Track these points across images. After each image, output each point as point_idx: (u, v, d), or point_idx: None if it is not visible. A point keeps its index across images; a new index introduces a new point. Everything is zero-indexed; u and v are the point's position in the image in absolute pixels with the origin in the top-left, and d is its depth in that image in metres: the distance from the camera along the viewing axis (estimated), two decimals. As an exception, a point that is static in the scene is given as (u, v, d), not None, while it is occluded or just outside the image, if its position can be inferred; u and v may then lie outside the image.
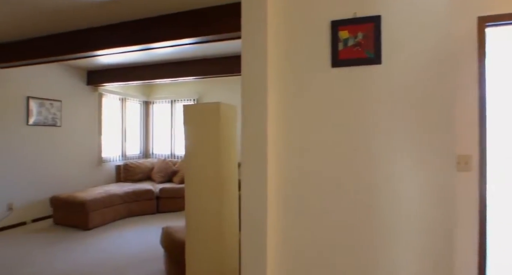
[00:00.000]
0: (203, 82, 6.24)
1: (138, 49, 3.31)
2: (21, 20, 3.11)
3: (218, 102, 2.00)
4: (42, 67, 4.50)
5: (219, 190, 1.99)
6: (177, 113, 6.47)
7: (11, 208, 4.11)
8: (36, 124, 4.46)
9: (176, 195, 5.09)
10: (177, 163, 5.80)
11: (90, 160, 5.35)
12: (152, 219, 4.65)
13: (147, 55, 4.42)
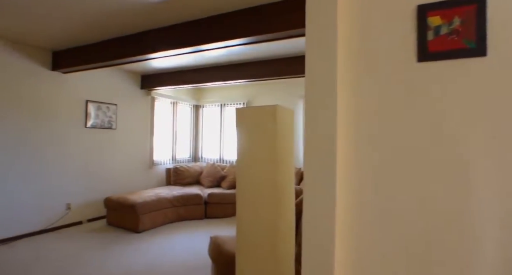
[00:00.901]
0: (252, 86, 6.08)
1: (190, 51, 3.21)
2: (79, 27, 3.20)
3: (275, 105, 1.73)
4: (100, 72, 4.67)
5: (275, 201, 1.71)
6: (226, 117, 6.38)
7: (69, 207, 4.27)
8: (93, 126, 4.62)
9: (224, 200, 4.93)
10: (226, 168, 5.67)
11: (142, 163, 5.44)
12: (200, 225, 4.52)
13: (198, 58, 4.37)
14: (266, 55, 4.18)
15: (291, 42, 3.59)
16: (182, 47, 3.10)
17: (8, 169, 3.63)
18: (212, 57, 4.33)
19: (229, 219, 4.86)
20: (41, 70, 3.95)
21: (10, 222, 3.65)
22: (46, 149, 4.01)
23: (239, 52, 4.05)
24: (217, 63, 4.65)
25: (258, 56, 4.23)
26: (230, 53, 4.11)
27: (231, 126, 6.29)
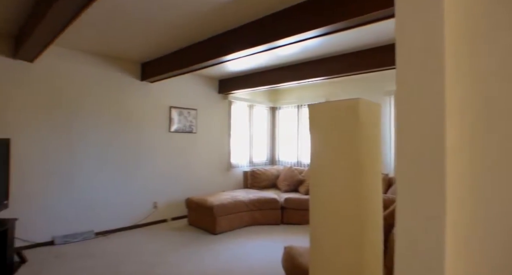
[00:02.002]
0: (330, 84, 5.71)
1: (263, 49, 3.11)
2: (162, 39, 3.42)
3: (358, 99, 1.46)
4: (181, 79, 4.96)
5: (357, 213, 1.44)
6: (303, 119, 6.14)
7: (155, 206, 4.61)
8: (176, 131, 4.92)
9: (301, 206, 4.71)
10: (304, 172, 5.43)
11: (220, 165, 5.60)
12: (276, 231, 4.39)
13: (272, 58, 4.27)
14: (343, 48, 3.83)
15: (372, 30, 3.19)
16: (255, 45, 3.01)
17: (105, 170, 4.09)
18: (287, 56, 4.17)
19: (306, 227, 4.60)
20: (132, 81, 4.37)
21: (108, 217, 4.10)
22: (135, 152, 4.41)
23: (314, 47, 3.80)
24: (292, 62, 4.48)
25: (335, 50, 3.91)
26: (304, 50, 3.89)
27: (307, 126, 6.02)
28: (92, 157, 3.96)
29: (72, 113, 3.79)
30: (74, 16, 2.36)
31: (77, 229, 3.81)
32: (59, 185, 3.68)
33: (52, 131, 3.63)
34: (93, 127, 3.97)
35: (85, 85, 3.90)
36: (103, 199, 4.05)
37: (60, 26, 2.53)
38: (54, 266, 3.02)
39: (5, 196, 3.06)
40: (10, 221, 2.93)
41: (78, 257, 3.25)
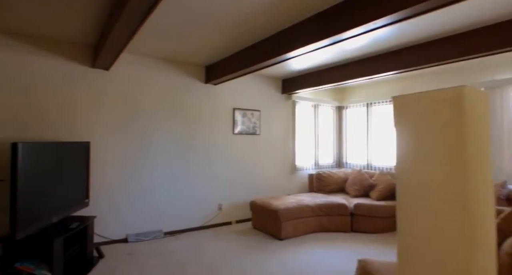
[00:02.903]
0: (404, 79, 5.13)
1: (328, 43, 2.85)
2: (225, 41, 3.39)
3: (462, 86, 1.13)
4: (244, 80, 4.92)
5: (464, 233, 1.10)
6: (373, 118, 5.62)
7: (220, 208, 4.61)
8: (240, 133, 4.88)
9: (373, 213, 4.26)
10: (375, 176, 4.94)
11: (284, 168, 5.41)
12: (345, 239, 4.02)
13: (338, 53, 3.95)
14: (418, 37, 3.34)
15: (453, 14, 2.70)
16: (318, 40, 2.77)
17: (173, 172, 4.22)
18: (354, 50, 3.81)
19: (379, 236, 4.14)
20: (197, 84, 4.45)
21: (176, 217, 4.22)
22: (201, 154, 4.47)
23: (384, 39, 3.39)
24: (360, 56, 4.08)
25: (408, 40, 3.43)
26: (373, 42, 3.50)
27: (380, 127, 5.49)
28: (161, 159, 4.12)
29: (144, 116, 3.99)
30: (140, 23, 2.43)
31: (148, 228, 3.99)
32: (132, 186, 3.89)
33: (127, 134, 3.86)
34: (162, 130, 4.13)
35: (154, 89, 4.08)
36: (171, 199, 4.18)
37: (128, 34, 2.63)
38: (127, 263, 3.16)
39: (86, 195, 3.32)
40: (90, 219, 3.15)
41: (149, 255, 3.36)
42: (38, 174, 2.62)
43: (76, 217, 3.14)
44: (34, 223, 2.53)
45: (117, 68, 3.80)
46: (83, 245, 3.03)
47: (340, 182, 5.29)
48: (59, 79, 3.45)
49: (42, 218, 2.64)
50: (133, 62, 3.93)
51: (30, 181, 2.52)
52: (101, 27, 3.05)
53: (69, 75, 3.50)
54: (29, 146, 2.52)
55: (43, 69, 3.36)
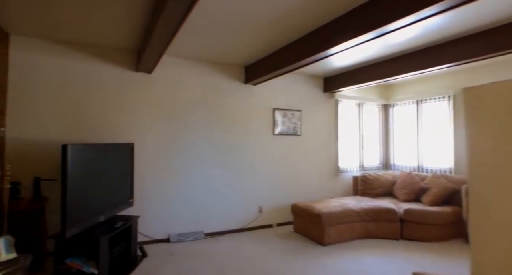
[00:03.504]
0: (460, 72, 4.65)
1: (372, 36, 2.64)
2: (264, 40, 3.31)
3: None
4: (284, 80, 4.78)
5: None
6: (424, 116, 5.17)
7: (261, 211, 4.52)
8: (280, 133, 4.75)
9: (426, 220, 3.89)
10: (427, 179, 4.53)
11: (327, 170, 5.18)
12: (394, 247, 3.71)
13: (384, 47, 3.67)
14: (478, 25, 2.96)
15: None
16: (362, 33, 2.58)
17: (216, 173, 4.21)
18: (402, 43, 3.51)
19: (433, 245, 3.77)
20: (237, 84, 4.41)
21: (216, 219, 4.20)
22: (241, 156, 4.41)
23: (436, 28, 3.07)
24: (408, 50, 3.75)
25: (466, 29, 3.07)
26: (424, 32, 3.18)
27: (432, 126, 5.03)
28: (202, 160, 4.12)
29: (185, 118, 4.02)
30: (179, 23, 2.42)
31: (189, 229, 4.01)
32: (174, 186, 3.94)
33: (168, 136, 3.92)
34: (203, 131, 4.14)
35: (194, 91, 4.10)
36: (212, 201, 4.17)
37: (169, 34, 2.63)
38: (168, 263, 3.18)
39: (130, 195, 3.40)
40: (134, 218, 3.22)
41: (189, 256, 3.36)
42: (86, 175, 2.72)
43: (120, 217, 3.23)
44: (82, 221, 2.62)
45: (159, 71, 3.87)
46: (128, 244, 3.10)
47: (387, 185, 4.94)
48: (106, 84, 3.59)
49: (90, 217, 2.73)
50: (174, 65, 3.98)
51: (79, 181, 2.62)
52: (143, 31, 3.11)
53: (115, 79, 3.63)
54: (78, 148, 2.62)
55: (91, 75, 3.52)
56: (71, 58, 3.43)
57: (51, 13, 2.72)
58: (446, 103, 4.85)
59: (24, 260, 2.51)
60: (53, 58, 3.35)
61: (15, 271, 2.32)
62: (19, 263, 2.42)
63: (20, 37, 3.23)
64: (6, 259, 2.37)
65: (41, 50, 3.31)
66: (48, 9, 2.65)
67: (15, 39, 3.21)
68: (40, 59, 3.30)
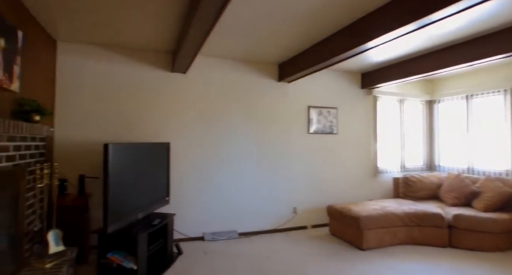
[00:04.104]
0: (516, 63, 4.20)
1: (414, 28, 2.46)
2: (297, 36, 3.23)
3: None
4: (319, 77, 4.64)
5: None
6: (475, 112, 4.75)
7: (295, 211, 4.42)
8: (315, 132, 4.61)
9: (479, 227, 3.56)
10: (479, 181, 4.14)
11: (365, 170, 4.95)
12: (441, 255, 3.44)
13: (427, 39, 3.41)
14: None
15: None
16: (403, 24, 2.41)
17: (250, 173, 4.19)
18: (447, 34, 3.24)
19: (488, 255, 3.43)
20: (270, 83, 4.35)
21: (250, 219, 4.18)
22: (275, 155, 4.35)
23: (487, 16, 2.77)
24: (457, 40, 3.45)
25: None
26: (473, 21, 2.91)
27: (485, 123, 4.60)
28: (236, 159, 4.12)
29: (219, 117, 4.05)
30: (213, 22, 2.41)
31: (223, 228, 4.02)
32: (208, 185, 3.98)
33: (202, 135, 3.96)
34: (236, 130, 4.14)
35: (228, 90, 4.11)
36: (246, 200, 4.16)
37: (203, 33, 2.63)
38: (203, 261, 3.21)
39: (167, 193, 3.48)
40: (170, 216, 3.29)
41: (223, 255, 3.37)
42: (126, 173, 2.81)
43: (157, 214, 3.32)
44: (122, 218, 2.72)
45: (193, 71, 3.93)
46: (164, 241, 3.18)
47: (432, 187, 4.61)
48: (144, 85, 3.71)
49: (129, 214, 2.82)
50: (208, 65, 4.02)
51: (119, 179, 2.72)
52: (178, 33, 3.17)
53: (152, 80, 3.74)
54: (118, 147, 2.72)
55: (130, 76, 3.66)
56: (112, 61, 3.59)
57: (93, 19, 2.86)
58: (501, 98, 4.41)
59: (70, 252, 2.66)
60: (95, 62, 3.53)
61: (63, 262, 2.47)
62: (66, 256, 2.57)
63: (66, 43, 3.43)
64: (55, 251, 2.52)
65: (84, 54, 3.49)
66: (90, 16, 2.79)
67: (61, 46, 3.42)
68: (84, 62, 3.49)
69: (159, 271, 2.94)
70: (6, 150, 2.13)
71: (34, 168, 2.59)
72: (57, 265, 2.41)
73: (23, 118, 2.42)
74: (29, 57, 2.68)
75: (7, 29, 2.19)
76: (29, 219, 2.52)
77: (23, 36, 2.47)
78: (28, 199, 2.50)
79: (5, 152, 2.11)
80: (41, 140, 2.74)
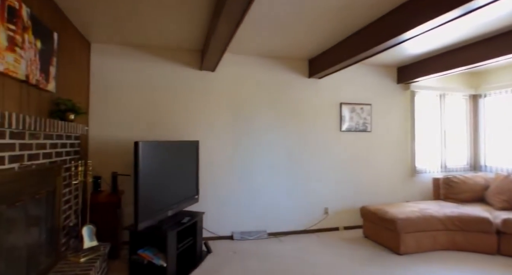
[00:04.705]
0: None
1: (457, 15, 2.24)
2: (328, 30, 3.11)
3: None
4: (351, 72, 4.43)
5: None
6: (529, 107, 4.31)
7: (326, 212, 4.26)
8: (348, 130, 4.42)
9: (534, 234, 3.21)
10: (533, 183, 3.75)
11: (401, 170, 4.67)
12: (489, 263, 3.15)
13: (472, 27, 3.13)
14: None
15: None
16: (445, 11, 2.20)
17: (280, 172, 4.10)
18: (495, 20, 2.93)
19: (546, 266, 3.08)
20: (300, 79, 4.23)
21: (280, 219, 4.09)
22: (306, 154, 4.22)
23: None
24: (506, 27, 3.12)
25: None
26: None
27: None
28: (265, 157, 4.05)
29: (247, 115, 3.99)
30: (239, 21, 2.38)
31: (252, 227, 3.97)
32: (237, 184, 3.94)
33: (231, 133, 3.93)
34: (266, 128, 4.06)
35: (257, 87, 4.04)
36: (275, 200, 4.07)
37: (230, 30, 2.59)
38: (232, 261, 3.17)
39: (196, 191, 3.49)
40: (199, 214, 3.29)
41: (252, 256, 3.31)
42: (156, 171, 2.83)
43: (187, 212, 3.33)
44: (152, 215, 2.74)
45: (221, 69, 3.90)
46: (194, 239, 3.17)
47: (477, 189, 4.25)
48: (173, 83, 3.75)
49: (159, 212, 2.84)
50: (237, 62, 3.97)
51: (149, 177, 2.74)
52: (206, 30, 3.15)
53: (181, 79, 3.77)
54: (148, 145, 2.74)
55: (161, 75, 3.71)
56: (143, 61, 3.66)
57: (125, 21, 2.93)
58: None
59: (103, 248, 2.73)
60: (127, 62, 3.61)
61: (96, 257, 2.53)
62: (99, 251, 2.64)
63: (99, 45, 3.54)
64: (89, 246, 2.60)
65: (117, 55, 3.59)
66: (123, 18, 2.86)
67: (95, 47, 3.53)
68: (117, 63, 3.58)
69: (188, 269, 2.94)
70: (43, 147, 2.21)
71: (70, 166, 2.68)
72: (91, 259, 2.48)
73: (59, 117, 2.51)
74: (65, 59, 2.77)
75: (43, 32, 2.28)
76: (66, 214, 2.62)
77: (58, 38, 2.56)
78: (65, 195, 2.59)
79: (42, 149, 2.19)
80: (76, 138, 2.83)
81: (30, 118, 1.84)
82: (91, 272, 2.28)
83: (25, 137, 1.95)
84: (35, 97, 2.24)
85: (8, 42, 1.86)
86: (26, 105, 2.12)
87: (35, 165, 2.08)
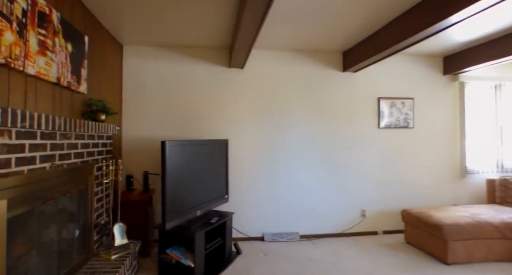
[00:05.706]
0: None
1: None
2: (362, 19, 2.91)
3: None
4: (390, 64, 4.11)
5: None
6: None
7: (363, 214, 4.00)
8: (387, 126, 4.11)
9: None
10: None
11: (448, 170, 4.23)
12: (560, 279, 2.72)
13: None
14: None
15: None
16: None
17: (311, 172, 3.92)
18: None
19: None
20: (334, 73, 4.00)
21: (312, 221, 3.90)
22: (341, 152, 3.99)
23: None
24: None
25: None
26: None
27: None
28: (297, 157, 3.89)
29: (278, 112, 3.86)
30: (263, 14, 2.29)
31: (284, 229, 3.83)
32: (269, 184, 3.83)
33: (262, 132, 3.83)
34: (297, 126, 3.90)
35: (288, 83, 3.90)
36: (308, 201, 3.90)
37: (257, 23, 2.48)
38: (262, 263, 3.07)
39: (226, 191, 3.43)
40: (229, 214, 3.23)
41: (284, 258, 3.18)
42: (184, 170, 2.82)
43: (216, 212, 3.29)
44: (180, 215, 2.73)
45: (250, 65, 3.81)
46: (223, 240, 3.12)
47: (542, 192, 3.72)
48: (203, 82, 3.73)
49: (188, 211, 2.82)
50: (266, 58, 3.86)
51: (177, 176, 2.73)
52: (232, 27, 3.08)
53: (210, 77, 3.74)
54: (176, 144, 2.73)
55: (190, 74, 3.71)
56: (173, 60, 3.69)
57: (155, 23, 2.98)
58: None
59: (134, 246, 2.77)
60: (158, 62, 3.66)
61: (126, 255, 2.57)
62: (130, 248, 2.68)
63: (131, 46, 3.62)
64: (120, 244, 2.65)
65: (147, 56, 3.65)
66: (153, 20, 2.92)
67: (127, 49, 3.62)
68: (148, 63, 3.65)
69: (217, 270, 2.89)
70: (75, 147, 2.27)
71: (101, 165, 2.75)
72: (121, 257, 2.52)
73: (91, 118, 2.58)
74: (97, 61, 2.85)
75: (74, 35, 2.34)
76: (98, 212, 2.69)
77: (89, 41, 2.63)
78: (97, 193, 2.66)
79: (73, 149, 2.25)
80: (108, 138, 2.90)
81: (60, 119, 1.88)
82: (121, 270, 2.31)
83: (56, 137, 2.00)
84: (67, 98, 2.31)
85: (39, 46, 1.91)
86: (59, 106, 2.19)
87: (67, 164, 2.14)
